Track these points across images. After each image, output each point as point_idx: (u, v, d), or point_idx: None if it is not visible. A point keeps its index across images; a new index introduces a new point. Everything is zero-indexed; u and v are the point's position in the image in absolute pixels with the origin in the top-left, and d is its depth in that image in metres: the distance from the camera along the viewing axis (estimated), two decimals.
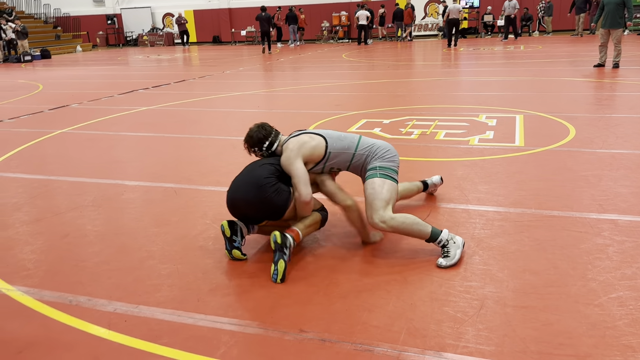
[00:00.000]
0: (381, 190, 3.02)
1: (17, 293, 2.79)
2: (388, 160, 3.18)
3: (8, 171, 5.16)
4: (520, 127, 6.07)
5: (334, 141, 3.17)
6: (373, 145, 3.23)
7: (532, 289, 2.63)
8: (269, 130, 3.19)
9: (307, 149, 3.07)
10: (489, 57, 15.04)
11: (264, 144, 3.16)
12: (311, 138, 3.14)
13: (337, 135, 3.23)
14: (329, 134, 3.22)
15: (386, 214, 2.96)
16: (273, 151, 3.19)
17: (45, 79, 14.25)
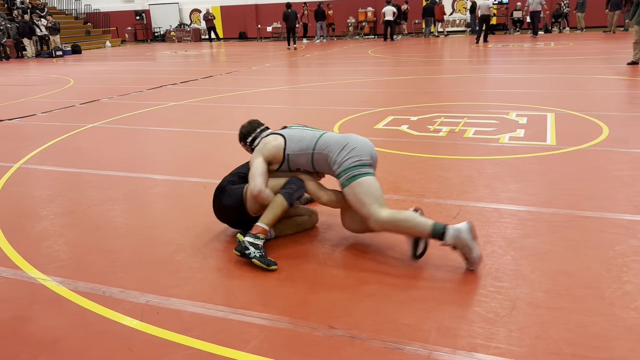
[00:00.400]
0: (356, 198, 2.90)
1: (52, 283, 2.85)
2: (348, 158, 2.95)
3: (42, 164, 5.28)
4: (551, 125, 5.96)
5: (293, 143, 3.12)
6: (328, 146, 3.04)
7: (565, 290, 2.59)
8: (254, 126, 3.39)
9: (268, 150, 3.12)
10: (518, 53, 14.80)
11: (247, 139, 3.37)
12: (274, 138, 3.16)
13: (299, 136, 3.15)
14: (291, 135, 3.16)
15: (376, 215, 2.86)
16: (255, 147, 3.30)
17: (76, 73, 14.52)
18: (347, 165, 2.94)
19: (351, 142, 3.03)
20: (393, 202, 3.85)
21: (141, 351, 2.25)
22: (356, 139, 3.08)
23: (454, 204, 3.76)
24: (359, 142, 3.05)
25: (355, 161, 2.95)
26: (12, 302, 2.68)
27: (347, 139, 3.06)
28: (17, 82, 12.92)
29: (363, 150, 3.00)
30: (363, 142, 3.07)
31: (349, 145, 3.00)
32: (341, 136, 3.10)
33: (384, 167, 4.69)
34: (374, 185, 2.93)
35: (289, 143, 3.13)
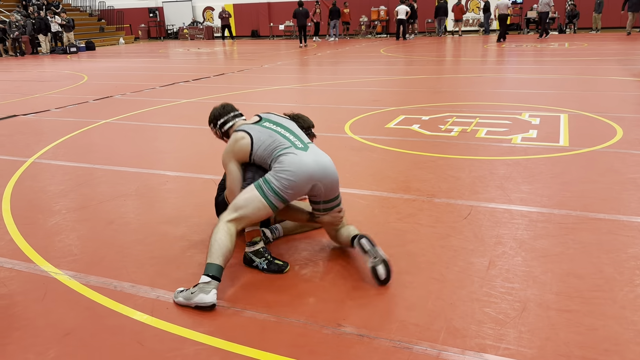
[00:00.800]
0: (239, 201, 2.75)
1: (64, 277, 2.88)
2: (277, 175, 2.75)
3: (55, 159, 5.33)
4: (564, 126, 5.92)
5: (260, 148, 2.86)
6: (279, 163, 2.79)
7: (576, 292, 2.57)
8: (228, 110, 3.18)
9: (237, 149, 2.91)
10: (532, 54, 14.69)
11: (218, 121, 3.16)
12: (242, 137, 2.90)
13: (268, 143, 2.86)
14: (259, 139, 2.87)
15: (224, 217, 2.73)
16: (226, 131, 3.14)
17: (89, 70, 14.64)
18: (270, 180, 2.75)
19: (294, 167, 2.75)
20: (403, 201, 3.84)
21: (151, 346, 2.26)
22: (308, 165, 2.77)
23: (465, 204, 3.74)
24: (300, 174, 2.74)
25: (277, 186, 2.72)
26: (25, 295, 2.72)
27: (293, 164, 2.76)
28: (32, 78, 13.05)
29: (291, 181, 2.73)
30: (306, 174, 2.75)
31: (290, 170, 2.74)
32: (293, 159, 2.78)
33: (394, 167, 4.69)
34: (254, 205, 2.72)
35: (255, 148, 2.86)
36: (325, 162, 2.86)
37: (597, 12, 21.53)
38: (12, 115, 7.84)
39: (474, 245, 3.10)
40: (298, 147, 2.85)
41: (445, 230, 3.31)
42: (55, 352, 2.24)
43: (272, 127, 2.96)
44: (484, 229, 3.31)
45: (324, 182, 2.83)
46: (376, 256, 2.68)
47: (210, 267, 2.58)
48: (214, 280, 2.54)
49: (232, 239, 2.67)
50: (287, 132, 2.94)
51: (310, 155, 2.84)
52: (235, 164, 2.95)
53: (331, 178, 2.86)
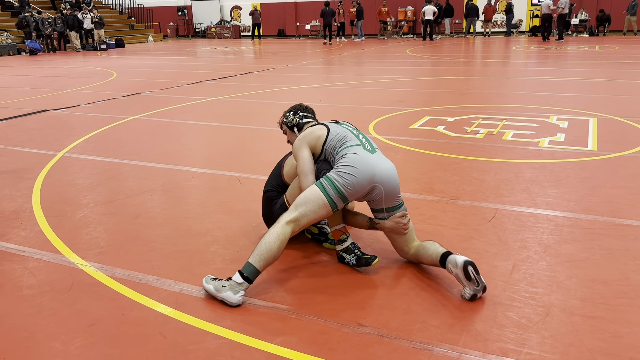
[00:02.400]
0: (301, 199, 2.74)
1: (91, 269, 2.94)
2: (339, 170, 2.75)
3: (84, 153, 5.44)
4: (593, 130, 5.81)
5: (333, 139, 2.91)
6: (344, 158, 2.80)
7: (601, 299, 2.53)
8: (303, 109, 3.27)
9: (311, 138, 2.95)
10: (561, 56, 14.45)
11: (301, 112, 3.23)
12: (320, 128, 2.99)
13: (342, 133, 2.93)
14: (335, 131, 2.95)
15: (283, 218, 2.70)
16: (302, 124, 3.19)
17: (119, 67, 14.89)
18: (332, 177, 2.74)
19: (360, 166, 2.74)
20: (427, 202, 3.83)
21: (174, 338, 2.30)
22: (372, 166, 2.77)
23: (490, 207, 3.71)
24: (362, 171, 2.73)
25: (340, 183, 2.71)
26: (53, 285, 2.78)
27: (358, 159, 2.77)
28: (63, 74, 13.33)
29: (354, 181, 2.71)
30: (368, 172, 2.74)
31: (355, 167, 2.73)
32: (357, 157, 2.78)
33: (418, 168, 4.66)
34: (313, 198, 2.71)
35: (330, 137, 2.93)
36: (389, 167, 2.84)
37: (631, 14, 21.05)
38: (43, 109, 8.03)
39: (498, 248, 3.07)
40: (366, 148, 2.86)
41: (469, 233, 3.29)
42: (81, 342, 2.30)
43: (346, 126, 3.05)
44: (509, 232, 3.28)
45: (385, 186, 2.77)
46: (479, 284, 2.52)
47: (248, 267, 2.58)
48: (246, 282, 2.56)
49: (282, 245, 2.62)
50: (359, 134, 2.99)
51: (376, 157, 2.83)
52: (308, 150, 2.94)
53: (393, 184, 2.81)
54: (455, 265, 2.57)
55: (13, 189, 4.35)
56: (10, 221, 3.67)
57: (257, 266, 2.58)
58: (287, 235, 2.65)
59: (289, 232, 2.65)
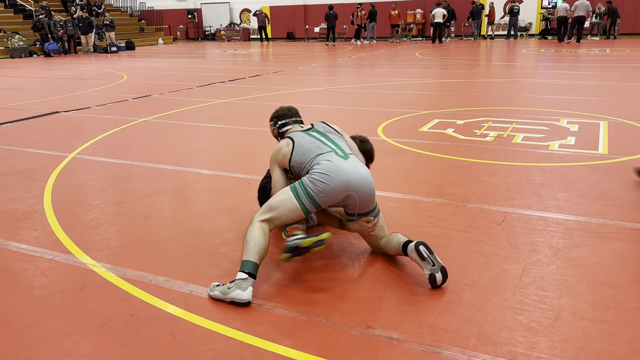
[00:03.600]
0: (274, 201, 2.82)
1: (101, 269, 2.97)
2: (312, 178, 2.78)
3: (95, 155, 5.49)
4: (604, 134, 5.77)
5: (298, 154, 2.92)
6: (317, 165, 2.82)
7: (612, 303, 2.51)
8: (291, 114, 3.29)
9: (279, 157, 3.02)
10: (572, 59, 14.37)
11: (279, 121, 3.27)
12: (286, 144, 2.99)
13: (306, 148, 2.91)
14: (299, 144, 2.94)
15: (257, 217, 2.79)
16: (283, 132, 3.25)
17: (129, 69, 14.99)
18: (306, 184, 2.77)
19: (329, 174, 2.74)
20: (436, 205, 3.82)
21: (184, 339, 2.31)
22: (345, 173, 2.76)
23: (499, 210, 3.70)
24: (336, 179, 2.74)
25: (313, 190, 2.74)
26: (64, 285, 2.81)
27: (328, 168, 2.77)
28: (74, 76, 13.44)
29: (326, 188, 2.74)
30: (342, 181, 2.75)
31: (326, 175, 2.75)
32: (327, 163, 2.80)
33: (427, 170, 4.66)
34: (287, 208, 2.77)
35: (295, 153, 2.93)
36: (363, 174, 2.84)
37: None
38: (54, 111, 8.10)
39: (508, 252, 3.06)
40: (338, 155, 2.87)
41: (478, 236, 3.28)
42: (92, 342, 2.32)
43: (315, 135, 3.02)
44: (518, 235, 3.27)
45: (359, 194, 2.81)
46: (434, 264, 2.64)
47: (246, 264, 2.63)
48: (250, 277, 2.60)
49: (266, 238, 2.73)
50: (329, 142, 2.97)
51: (349, 164, 2.83)
52: (278, 169, 3.05)
53: (367, 191, 2.84)
54: (411, 250, 2.72)
55: (25, 190, 4.39)
56: (22, 222, 3.71)
57: (253, 260, 2.64)
58: (267, 230, 2.76)
59: (267, 228, 2.77)
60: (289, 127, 3.24)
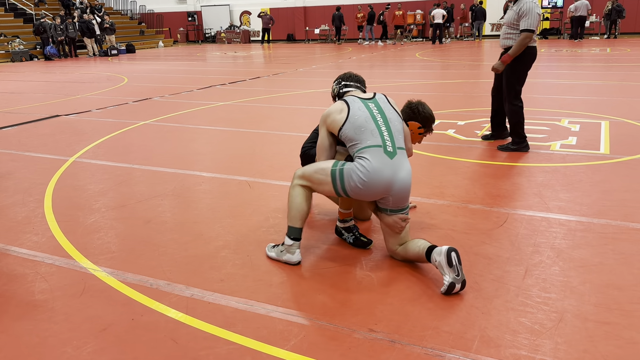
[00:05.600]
0: (312, 170, 2.92)
1: (102, 274, 2.96)
2: (351, 176, 2.78)
3: (95, 158, 5.48)
4: (605, 133, 5.76)
5: (350, 128, 2.84)
6: (362, 160, 2.79)
7: (615, 304, 2.49)
8: (356, 80, 3.27)
9: (329, 122, 2.95)
10: (572, 59, 14.35)
11: (343, 81, 3.26)
12: (340, 110, 2.91)
13: (360, 125, 2.83)
14: (355, 117, 2.85)
15: (298, 179, 2.96)
16: (342, 93, 3.22)
17: (129, 72, 15.00)
18: (350, 169, 2.80)
19: (371, 178, 2.75)
20: (438, 207, 3.81)
21: (185, 344, 2.30)
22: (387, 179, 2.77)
23: (501, 211, 3.68)
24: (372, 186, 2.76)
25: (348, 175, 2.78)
26: (64, 290, 2.80)
27: (370, 173, 2.76)
28: (74, 80, 13.45)
29: (366, 188, 2.77)
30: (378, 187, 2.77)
31: (368, 178, 2.75)
32: (373, 166, 2.76)
33: (429, 172, 4.64)
34: (324, 183, 2.87)
35: (347, 126, 2.85)
36: (405, 178, 2.83)
37: None
38: (55, 115, 8.10)
39: (510, 253, 3.04)
40: (387, 151, 2.81)
41: (481, 238, 3.26)
42: (92, 347, 2.30)
43: (373, 110, 2.92)
44: (521, 237, 3.25)
45: (395, 197, 2.85)
46: (459, 274, 2.59)
47: (292, 230, 2.94)
48: (295, 241, 2.94)
49: (308, 201, 2.94)
50: (384, 127, 2.87)
51: (392, 166, 2.79)
52: (326, 133, 3.00)
53: (404, 193, 2.85)
54: (439, 253, 2.67)
55: (25, 194, 4.38)
56: (23, 226, 3.70)
57: (297, 225, 2.93)
58: (308, 193, 2.94)
59: (308, 191, 2.94)
60: (350, 90, 3.18)
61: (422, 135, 3.38)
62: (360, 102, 2.95)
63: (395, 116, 2.99)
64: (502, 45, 5.16)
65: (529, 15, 4.85)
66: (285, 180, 4.52)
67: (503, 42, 5.15)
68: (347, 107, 2.91)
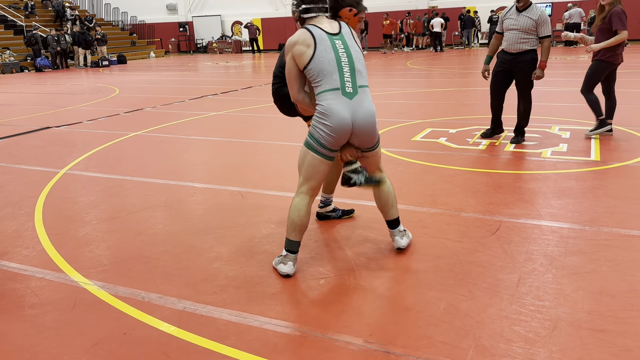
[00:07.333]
0: (300, 163, 2.98)
1: (94, 287, 2.93)
2: (318, 127, 2.85)
3: (87, 170, 5.45)
4: (596, 140, 5.80)
5: (315, 65, 2.82)
6: (323, 103, 2.84)
7: (609, 312, 2.50)
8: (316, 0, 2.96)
9: (297, 53, 2.88)
10: (562, 66, 14.47)
11: (303, 4, 2.98)
12: (307, 44, 2.84)
13: (325, 66, 2.82)
14: (319, 55, 2.82)
15: (298, 188, 2.98)
16: (304, 19, 2.99)
17: (121, 83, 14.97)
18: (313, 133, 2.89)
19: (335, 120, 2.80)
20: (430, 215, 3.81)
21: (177, 357, 2.28)
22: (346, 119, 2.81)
23: (494, 219, 3.69)
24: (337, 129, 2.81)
25: (322, 137, 2.84)
26: (55, 304, 2.76)
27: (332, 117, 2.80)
28: (65, 91, 13.40)
29: (334, 134, 2.83)
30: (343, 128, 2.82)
31: (332, 120, 2.81)
32: (333, 109, 2.80)
33: (421, 180, 4.65)
34: (313, 166, 2.91)
35: (312, 65, 2.84)
36: (363, 117, 2.87)
37: None
38: (45, 127, 8.06)
39: (503, 261, 3.04)
40: (345, 92, 2.84)
41: (473, 246, 3.27)
42: None
43: (339, 51, 2.87)
44: (514, 244, 3.26)
45: (357, 135, 2.90)
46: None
47: (288, 243, 3.00)
48: (289, 253, 2.98)
49: (301, 214, 2.94)
50: (347, 67, 2.86)
51: (350, 107, 2.83)
52: (292, 60, 2.92)
53: (366, 131, 2.90)
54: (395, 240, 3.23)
55: (15, 207, 4.34)
56: (13, 240, 3.66)
57: (291, 238, 2.98)
58: (304, 204, 2.95)
59: (306, 201, 2.96)
60: (313, 15, 2.96)
61: (360, 18, 3.22)
62: (328, 39, 2.87)
63: (358, 52, 2.94)
64: (516, 49, 5.55)
65: (548, 22, 5.44)
66: (277, 190, 4.51)
67: (518, 46, 5.54)
68: (314, 44, 2.84)
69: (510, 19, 5.56)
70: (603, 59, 5.73)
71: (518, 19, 5.48)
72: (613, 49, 5.63)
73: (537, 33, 5.45)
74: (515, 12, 5.54)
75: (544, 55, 5.48)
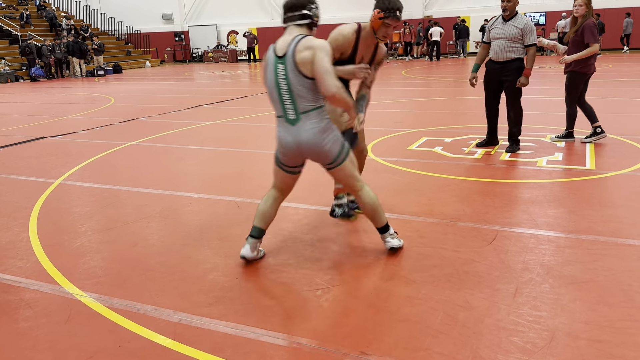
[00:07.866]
0: None
1: (88, 299, 2.90)
2: (277, 148, 3.18)
3: (82, 181, 5.42)
4: (591, 149, 5.82)
5: (267, 87, 3.06)
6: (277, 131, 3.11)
7: (606, 322, 2.49)
8: (295, 6, 2.87)
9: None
10: (555, 75, 14.56)
11: (287, 12, 2.87)
12: (264, 65, 3.02)
13: (269, 92, 3.02)
14: (267, 83, 3.03)
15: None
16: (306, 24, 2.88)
17: (116, 92, 14.96)
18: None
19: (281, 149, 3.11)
20: (427, 225, 3.80)
21: None
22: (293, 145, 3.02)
23: (490, 228, 3.69)
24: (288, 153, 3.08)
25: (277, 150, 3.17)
26: (49, 317, 2.74)
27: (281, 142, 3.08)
28: (60, 101, 13.38)
29: (285, 156, 3.13)
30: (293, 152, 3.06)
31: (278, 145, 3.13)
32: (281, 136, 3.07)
33: (417, 189, 4.65)
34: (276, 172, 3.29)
35: (265, 83, 3.07)
36: (307, 141, 2.96)
37: None
38: (40, 137, 8.03)
39: (500, 271, 3.04)
40: (288, 119, 2.99)
41: (470, 256, 3.26)
42: None
43: (280, 77, 2.88)
44: (510, 254, 3.25)
45: (308, 157, 3.09)
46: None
47: (252, 228, 3.24)
48: (250, 237, 3.21)
49: (272, 204, 3.25)
50: (287, 95, 2.92)
51: (294, 132, 2.96)
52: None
53: (314, 153, 3.02)
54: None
55: (9, 218, 4.31)
56: (7, 251, 3.63)
57: (254, 224, 3.23)
58: (268, 195, 3.27)
59: (271, 193, 3.27)
60: (285, 26, 2.93)
61: (385, 22, 3.18)
62: (273, 63, 2.91)
63: (297, 78, 2.83)
64: (503, 57, 5.63)
65: (533, 31, 5.54)
66: None
67: (505, 54, 5.62)
68: (265, 66, 3.02)
69: (497, 28, 5.65)
70: (576, 70, 5.95)
71: (504, 28, 5.57)
72: (585, 61, 5.84)
73: (523, 42, 5.53)
74: (501, 22, 5.61)
75: (528, 63, 5.56)
